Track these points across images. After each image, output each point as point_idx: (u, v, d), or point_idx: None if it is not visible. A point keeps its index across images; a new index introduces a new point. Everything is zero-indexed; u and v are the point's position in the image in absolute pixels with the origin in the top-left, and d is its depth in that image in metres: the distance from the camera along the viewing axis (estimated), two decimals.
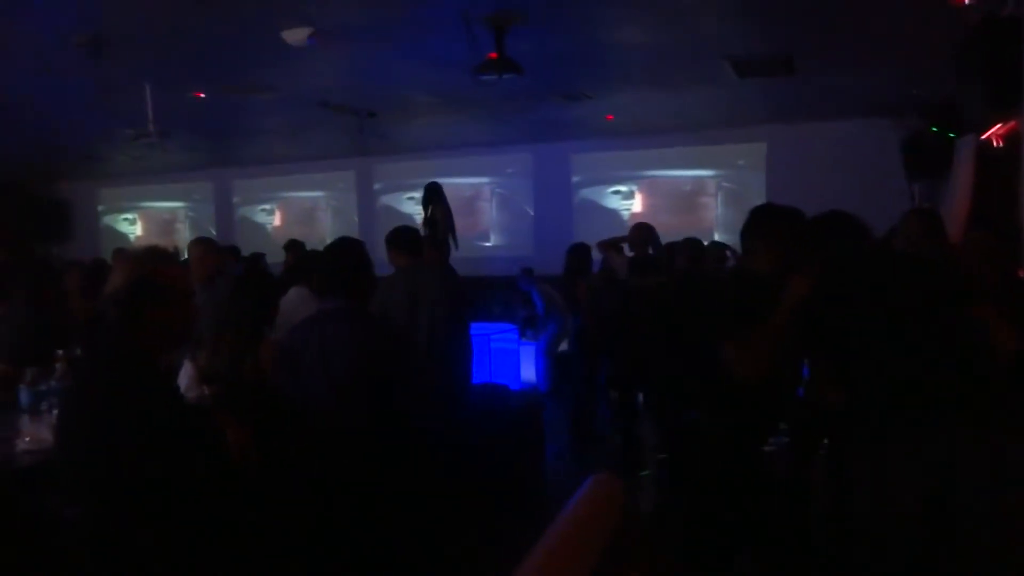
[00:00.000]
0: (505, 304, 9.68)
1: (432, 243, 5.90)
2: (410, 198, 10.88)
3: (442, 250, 5.91)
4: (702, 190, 9.68)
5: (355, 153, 10.68)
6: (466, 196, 10.30)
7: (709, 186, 9.65)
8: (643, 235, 5.82)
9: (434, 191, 6.70)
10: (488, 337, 8.07)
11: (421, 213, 7.17)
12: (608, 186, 10.13)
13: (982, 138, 5.48)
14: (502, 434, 4.74)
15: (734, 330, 2.74)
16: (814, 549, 3.30)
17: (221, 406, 2.70)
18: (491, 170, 10.68)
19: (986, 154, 5.59)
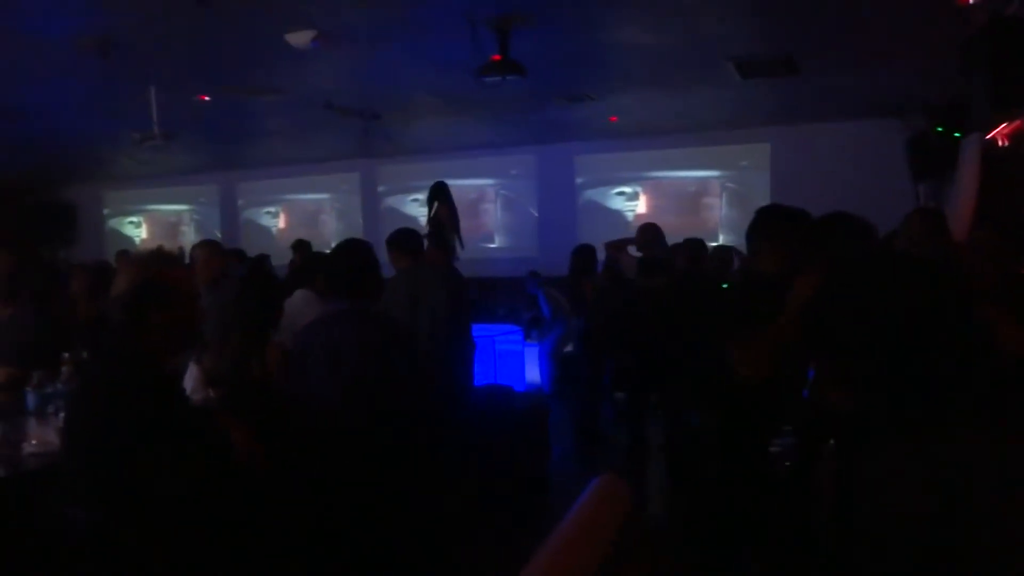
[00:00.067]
0: (510, 306, 9.68)
1: (437, 243, 5.87)
2: (414, 200, 10.88)
3: (447, 251, 5.88)
4: (706, 191, 9.67)
5: (359, 155, 10.70)
6: (470, 198, 10.29)
7: (713, 187, 9.63)
8: (651, 236, 5.82)
9: (439, 190, 6.66)
10: (492, 339, 8.08)
11: (426, 214, 7.14)
12: (612, 187, 10.12)
13: (987, 137, 5.45)
14: (507, 435, 4.75)
15: (738, 331, 2.73)
16: (818, 550, 3.29)
17: (226, 408, 2.71)
18: (495, 172, 10.68)
19: (991, 154, 5.57)
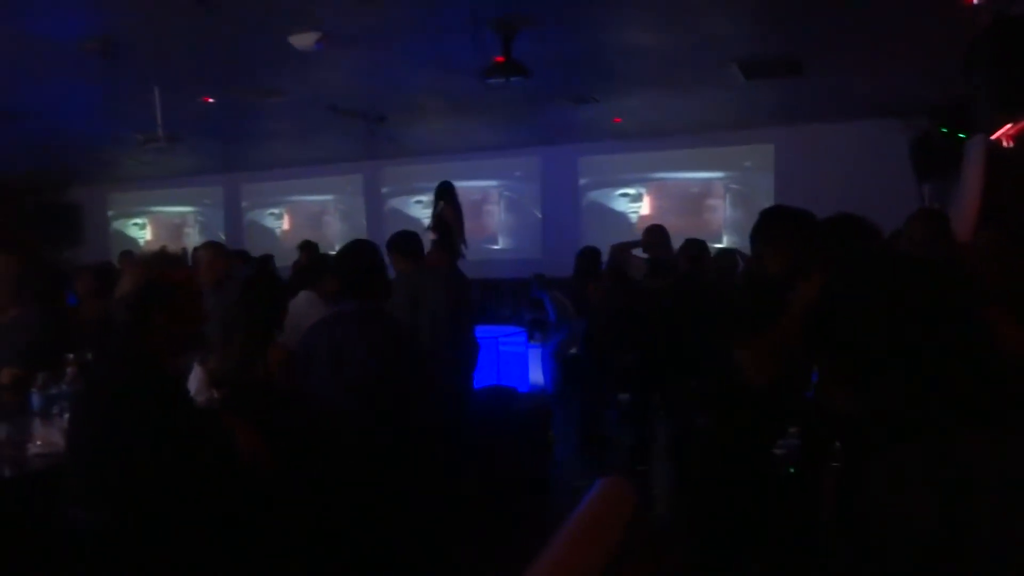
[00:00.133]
0: (513, 307, 9.68)
1: (441, 245, 5.87)
2: (418, 201, 10.90)
3: (452, 252, 5.87)
4: (710, 192, 9.66)
5: (363, 157, 10.71)
6: (474, 199, 10.29)
7: (717, 188, 9.62)
8: (657, 238, 5.80)
9: (446, 190, 6.63)
10: (496, 340, 8.08)
11: (429, 216, 7.13)
12: (616, 189, 10.11)
13: (992, 138, 5.44)
14: (511, 436, 4.74)
15: (742, 333, 2.73)
16: (821, 552, 3.28)
17: (230, 409, 2.71)
18: (499, 173, 10.69)
19: (996, 154, 5.56)
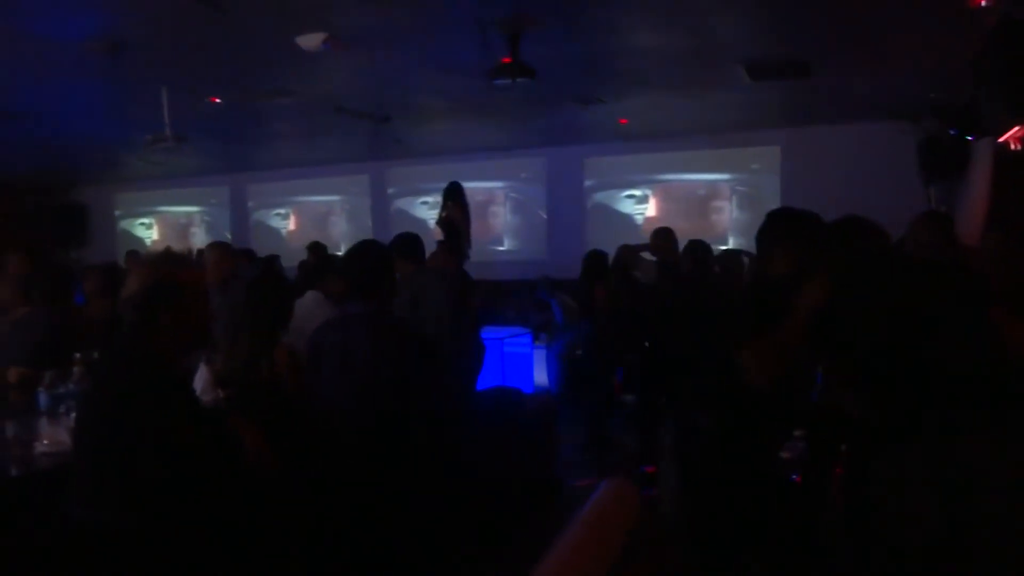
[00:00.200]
0: (518, 308, 9.67)
1: (448, 246, 5.86)
2: (423, 202, 10.90)
3: (459, 254, 5.86)
4: (716, 194, 9.64)
5: (369, 157, 10.72)
6: (480, 200, 10.29)
7: (723, 190, 9.60)
8: (667, 240, 5.79)
9: (455, 190, 6.61)
10: (501, 341, 8.08)
11: (434, 218, 7.12)
12: (622, 190, 10.10)
13: (999, 141, 5.43)
14: (516, 437, 4.74)
15: (748, 335, 2.72)
16: (826, 553, 3.28)
17: (236, 409, 2.71)
18: (505, 174, 10.68)
19: (1003, 157, 5.55)
